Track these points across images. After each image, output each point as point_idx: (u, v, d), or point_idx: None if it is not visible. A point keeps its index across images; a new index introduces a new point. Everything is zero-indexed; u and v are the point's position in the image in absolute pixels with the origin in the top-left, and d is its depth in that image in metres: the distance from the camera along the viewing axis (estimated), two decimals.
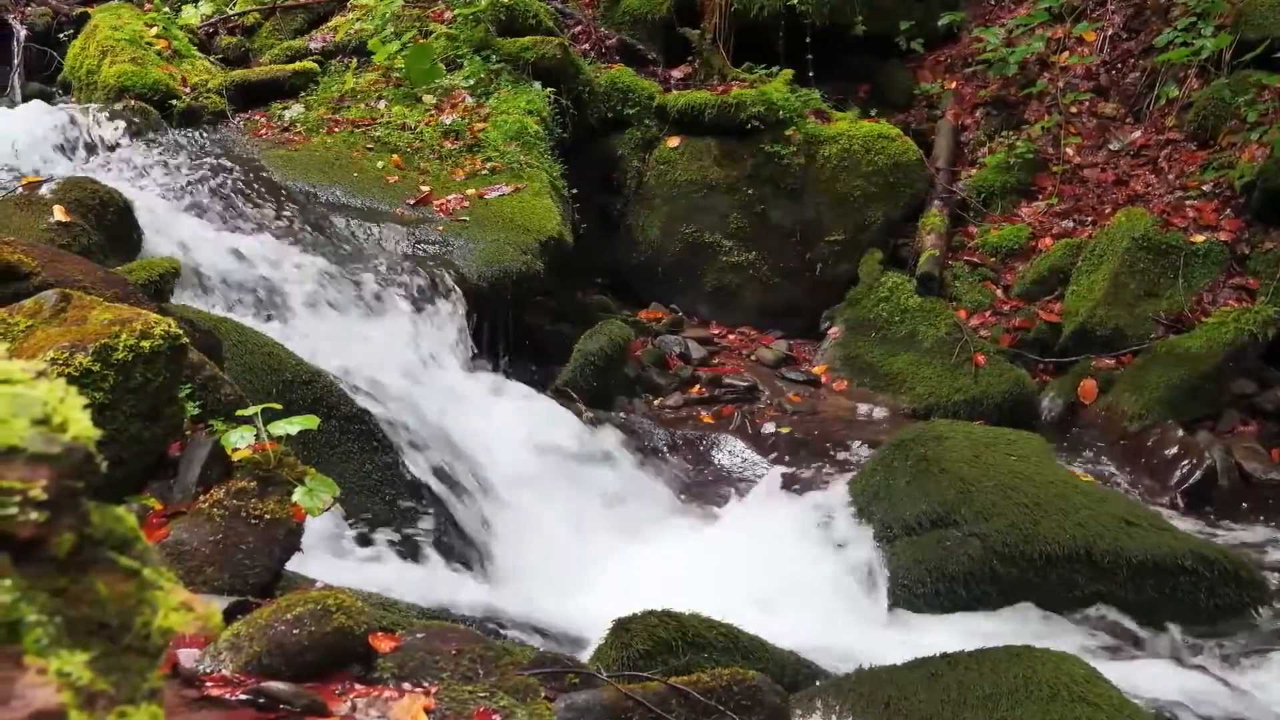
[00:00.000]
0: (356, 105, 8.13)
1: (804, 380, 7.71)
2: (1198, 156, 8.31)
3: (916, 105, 9.67)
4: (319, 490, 3.10)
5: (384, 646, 2.73)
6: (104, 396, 2.83)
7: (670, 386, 7.41)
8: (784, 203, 8.49)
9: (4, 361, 0.89)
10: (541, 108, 8.04)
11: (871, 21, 9.48)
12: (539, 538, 5.32)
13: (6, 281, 3.52)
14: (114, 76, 7.86)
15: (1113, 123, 8.91)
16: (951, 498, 5.15)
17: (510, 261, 6.64)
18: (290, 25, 9.46)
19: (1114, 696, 3.42)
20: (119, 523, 0.91)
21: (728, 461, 6.53)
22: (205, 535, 3.00)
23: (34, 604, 0.81)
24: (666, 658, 3.50)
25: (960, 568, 4.96)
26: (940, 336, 7.61)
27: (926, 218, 8.37)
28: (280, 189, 6.87)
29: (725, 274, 8.52)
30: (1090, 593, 4.87)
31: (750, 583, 4.94)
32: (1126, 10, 9.39)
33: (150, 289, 4.38)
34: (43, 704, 0.75)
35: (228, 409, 3.41)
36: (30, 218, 5.14)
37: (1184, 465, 6.42)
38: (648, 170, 8.68)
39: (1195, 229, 7.74)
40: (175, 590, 0.93)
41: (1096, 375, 7.28)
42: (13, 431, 0.83)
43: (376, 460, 4.93)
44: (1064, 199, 8.45)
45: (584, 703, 2.70)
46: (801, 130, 8.48)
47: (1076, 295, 7.72)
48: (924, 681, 3.53)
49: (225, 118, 7.93)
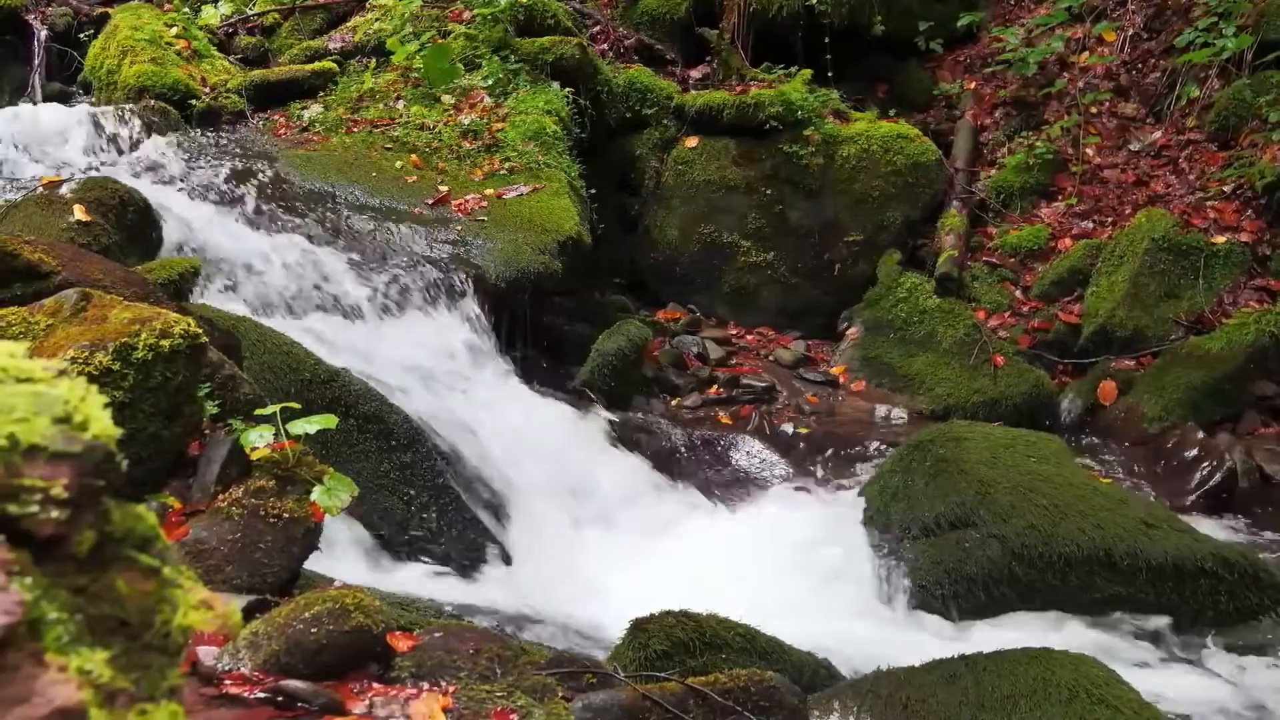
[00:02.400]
0: (375, 105, 8.15)
1: (822, 381, 7.70)
2: (1218, 157, 8.28)
3: (935, 105, 9.66)
4: (337, 489, 3.11)
5: (402, 646, 2.73)
6: (124, 395, 2.84)
7: (688, 387, 7.40)
8: (802, 203, 8.47)
9: (25, 360, 0.89)
10: (560, 108, 8.05)
11: (890, 21, 9.47)
12: (556, 537, 5.32)
13: (28, 281, 3.53)
14: (134, 76, 7.89)
15: (1133, 123, 8.88)
16: (970, 499, 5.14)
17: (528, 261, 6.64)
18: (309, 25, 9.48)
19: (1133, 698, 3.40)
20: (139, 521, 0.91)
21: (745, 462, 6.51)
22: (224, 534, 3.01)
23: (55, 602, 0.81)
24: (684, 658, 3.49)
25: (979, 569, 4.95)
26: (959, 337, 7.59)
27: (945, 218, 8.35)
28: (299, 188, 6.88)
29: (743, 274, 8.51)
30: (1109, 595, 4.85)
31: (768, 583, 4.93)
32: (1147, 10, 9.35)
33: (170, 288, 4.39)
34: (63, 701, 0.75)
35: (247, 408, 3.42)
36: (51, 217, 5.16)
37: (1204, 467, 6.38)
38: (666, 170, 8.68)
39: (1216, 230, 7.70)
40: (195, 588, 0.93)
41: (1116, 376, 7.25)
42: (34, 430, 0.83)
43: (394, 459, 4.94)
44: (1084, 199, 8.42)
45: (601, 703, 2.70)
46: (820, 130, 8.46)
47: (1096, 296, 7.69)
48: (942, 683, 3.52)
49: (244, 117, 7.95)
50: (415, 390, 5.53)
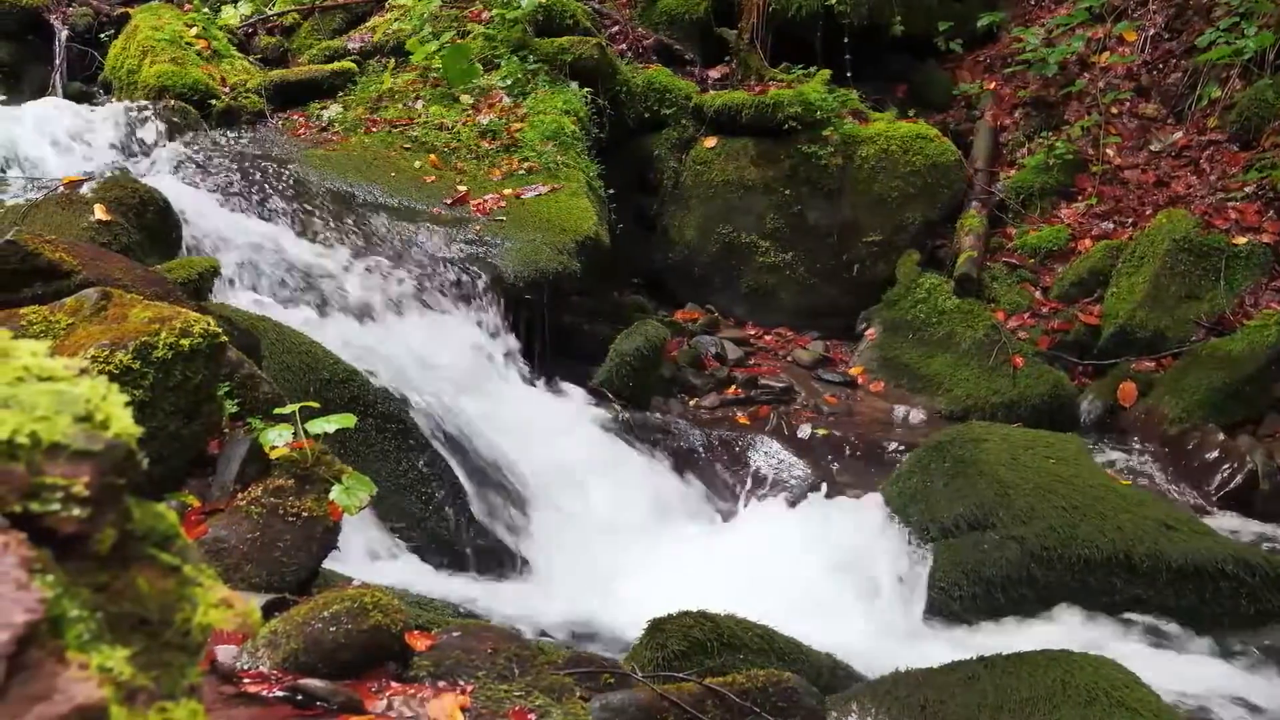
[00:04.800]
0: (394, 105, 8.16)
1: (840, 382, 7.69)
2: (1240, 158, 8.24)
3: (955, 106, 9.63)
4: (356, 488, 3.11)
5: (420, 645, 2.74)
6: (144, 394, 2.85)
7: (706, 387, 7.39)
8: (821, 203, 8.46)
9: (47, 359, 0.89)
10: (578, 108, 8.05)
11: (910, 21, 9.45)
12: (574, 537, 5.32)
13: (48, 280, 3.55)
14: (154, 76, 7.92)
15: (1153, 123, 8.84)
16: (989, 500, 5.13)
17: (547, 261, 6.64)
18: (329, 25, 9.51)
19: (1153, 701, 3.39)
20: (159, 519, 0.92)
21: (764, 463, 6.50)
22: (243, 532, 3.02)
23: (76, 599, 0.81)
24: (702, 659, 3.49)
25: (998, 571, 4.93)
26: (978, 338, 7.56)
27: (965, 219, 8.32)
28: (318, 188, 6.89)
29: (762, 274, 8.50)
30: (1129, 597, 4.83)
31: (786, 584, 4.92)
32: (1168, 10, 9.30)
33: (189, 287, 4.40)
34: (84, 699, 0.75)
35: (266, 407, 3.43)
36: (71, 216, 5.17)
37: (1225, 469, 6.35)
38: (684, 170, 8.67)
39: (1237, 231, 7.66)
40: (215, 587, 0.93)
41: (1136, 378, 7.22)
42: (56, 428, 0.83)
43: (413, 459, 4.95)
44: (1104, 200, 8.39)
45: (619, 703, 2.70)
46: (839, 131, 8.44)
47: (1116, 297, 7.66)
48: (960, 685, 3.51)
49: (264, 117, 7.97)
50: (433, 389, 5.53)
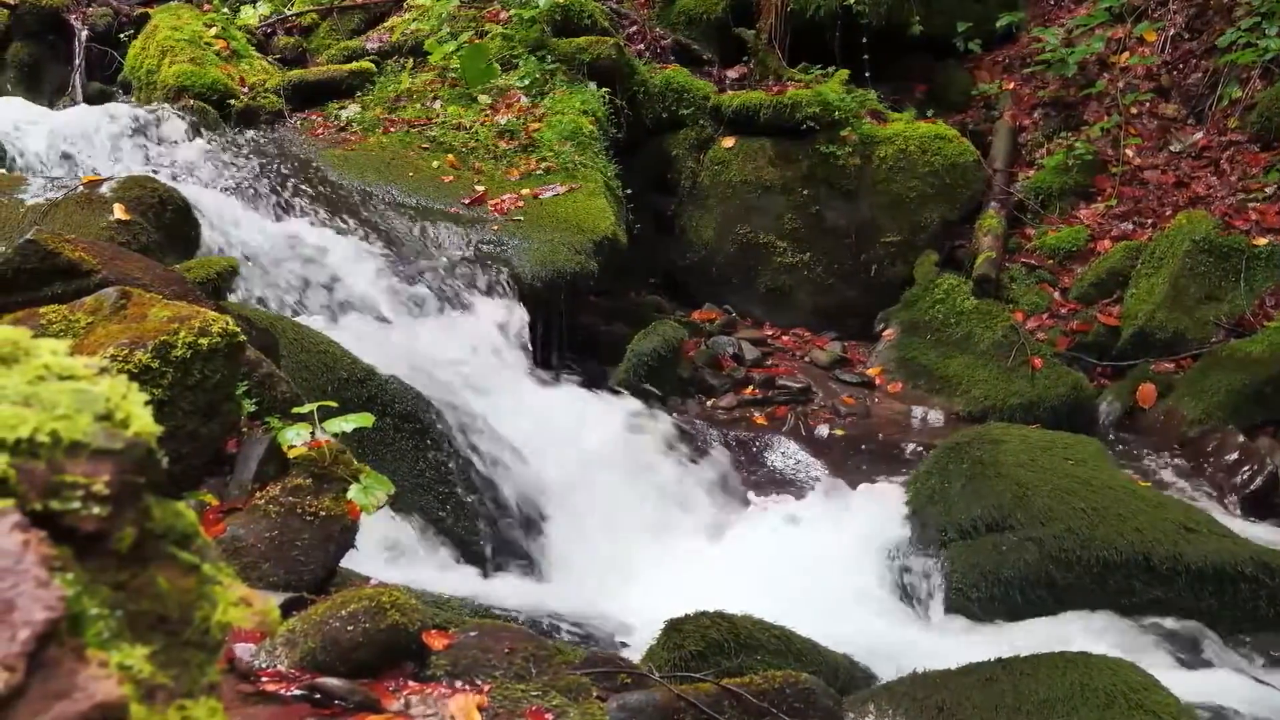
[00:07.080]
0: (412, 105, 8.18)
1: (858, 382, 7.67)
2: (1261, 158, 8.20)
3: (974, 106, 9.60)
4: (374, 488, 3.12)
5: (437, 644, 2.74)
6: (163, 393, 2.85)
7: (723, 387, 7.39)
8: (839, 203, 8.44)
9: (67, 358, 0.90)
10: (596, 108, 8.05)
11: (929, 21, 9.41)
12: (591, 537, 5.32)
13: (68, 279, 3.56)
14: (173, 76, 7.95)
15: (1174, 124, 8.80)
16: (1007, 502, 5.11)
17: (564, 261, 6.64)
18: (347, 25, 9.53)
19: (1171, 704, 3.38)
20: (179, 518, 0.92)
21: (781, 463, 6.50)
22: (261, 531, 3.02)
23: (96, 598, 0.81)
24: (719, 659, 3.49)
25: (1016, 572, 4.92)
26: (996, 339, 7.54)
27: (983, 219, 8.29)
28: (336, 187, 6.91)
29: (779, 275, 8.49)
30: (1148, 599, 4.81)
31: (803, 585, 4.92)
32: (1189, 10, 9.27)
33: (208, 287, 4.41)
34: (104, 696, 0.76)
35: (284, 406, 3.43)
36: (90, 216, 5.19)
37: (1244, 471, 6.32)
38: (702, 170, 8.66)
39: (1258, 232, 7.63)
40: (234, 585, 0.93)
41: (1155, 379, 7.19)
42: (76, 427, 0.84)
43: (430, 458, 4.95)
44: (1123, 201, 8.35)
45: (636, 703, 2.70)
46: (857, 131, 8.43)
47: (1136, 298, 7.63)
48: (978, 686, 3.50)
49: (282, 117, 7.99)
50: (450, 389, 5.54)
